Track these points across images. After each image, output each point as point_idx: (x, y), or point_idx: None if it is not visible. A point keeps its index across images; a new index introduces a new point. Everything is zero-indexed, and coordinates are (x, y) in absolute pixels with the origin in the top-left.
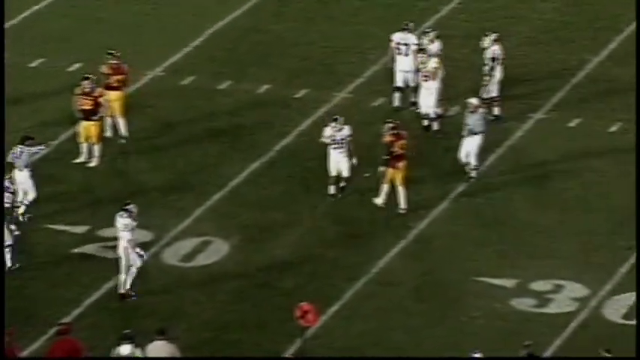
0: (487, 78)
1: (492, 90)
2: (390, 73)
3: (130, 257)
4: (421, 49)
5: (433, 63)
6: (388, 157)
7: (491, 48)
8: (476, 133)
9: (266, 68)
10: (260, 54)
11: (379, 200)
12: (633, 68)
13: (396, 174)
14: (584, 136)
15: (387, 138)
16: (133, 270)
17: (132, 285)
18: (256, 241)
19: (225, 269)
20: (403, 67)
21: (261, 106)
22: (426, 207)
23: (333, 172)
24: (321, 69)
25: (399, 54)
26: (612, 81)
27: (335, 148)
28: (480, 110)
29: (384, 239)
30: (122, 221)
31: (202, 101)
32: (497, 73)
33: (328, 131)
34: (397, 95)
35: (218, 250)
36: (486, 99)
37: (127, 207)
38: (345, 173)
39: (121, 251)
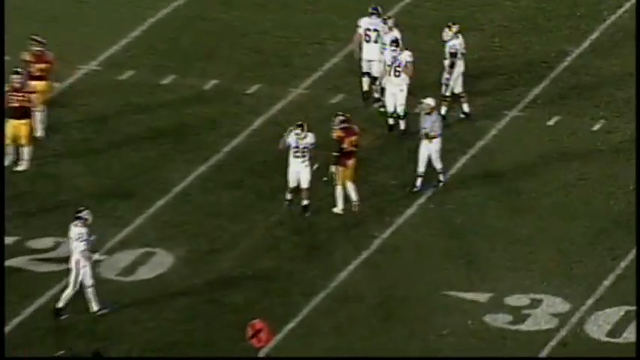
0: (447, 75)
1: (455, 86)
2: (350, 66)
3: (80, 272)
4: (394, 41)
5: (407, 56)
6: (337, 154)
7: (452, 41)
8: (434, 137)
9: (213, 61)
10: (207, 45)
11: (338, 208)
12: (618, 60)
13: (345, 173)
14: (564, 135)
15: (337, 133)
16: (89, 291)
17: (67, 303)
18: (204, 253)
19: (170, 284)
20: (370, 55)
21: (208, 103)
22: (390, 214)
23: (292, 183)
24: (275, 62)
25: (368, 41)
26: (595, 75)
27: (297, 156)
28: (436, 112)
29: (344, 250)
30: (76, 230)
31: (142, 98)
32: (459, 69)
33: (291, 139)
34: (366, 80)
35: (161, 262)
36: (447, 96)
37: (81, 214)
38: (305, 185)
39: (72, 264)
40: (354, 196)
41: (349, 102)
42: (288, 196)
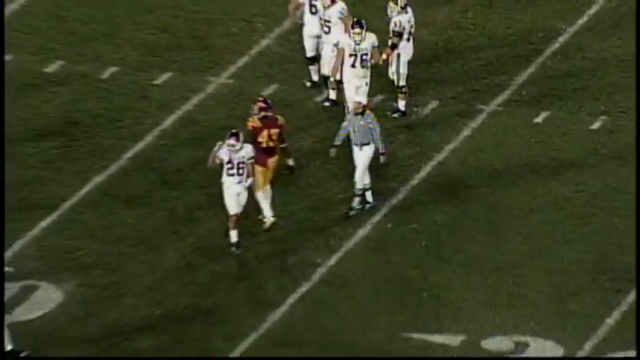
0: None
1: (397, 77)
2: (286, 50)
3: None
4: (358, 22)
5: (373, 39)
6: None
7: (398, 17)
8: (366, 143)
9: (111, 43)
10: (103, 23)
11: (267, 219)
12: (621, 41)
13: (265, 175)
14: (555, 135)
15: (253, 123)
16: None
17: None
18: (101, 287)
19: (57, 327)
20: (314, 30)
21: (105, 97)
22: (338, 236)
23: (233, 209)
24: (191, 44)
25: (313, 13)
26: (593, 59)
27: (231, 174)
28: (369, 112)
29: (279, 282)
30: None
31: (22, 90)
32: (407, 52)
33: (223, 153)
34: (312, 68)
35: (46, 299)
36: (402, 87)
37: None
38: (235, 210)
39: None
40: (267, 209)
41: (285, 94)
42: (233, 236)
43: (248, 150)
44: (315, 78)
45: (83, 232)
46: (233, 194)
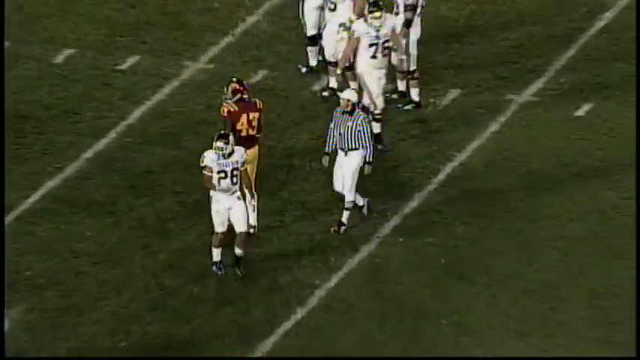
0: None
1: (407, 61)
2: (277, 28)
3: None
4: (375, 3)
5: (392, 21)
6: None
7: None
8: (354, 149)
9: (67, 21)
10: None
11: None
12: None
13: (242, 172)
14: (599, 131)
15: (227, 108)
16: None
17: None
18: (56, 312)
19: None
20: (317, 1)
21: (59, 85)
22: (339, 251)
23: (221, 227)
24: (163, 22)
25: None
26: None
27: (223, 189)
28: (359, 109)
29: (269, 307)
30: None
31: None
32: (415, 30)
33: (210, 160)
34: (312, 50)
35: None
36: (413, 72)
37: None
38: (241, 226)
39: None
40: (251, 218)
41: (276, 81)
42: (216, 254)
43: (241, 153)
44: (314, 62)
45: (34, 246)
46: (223, 209)
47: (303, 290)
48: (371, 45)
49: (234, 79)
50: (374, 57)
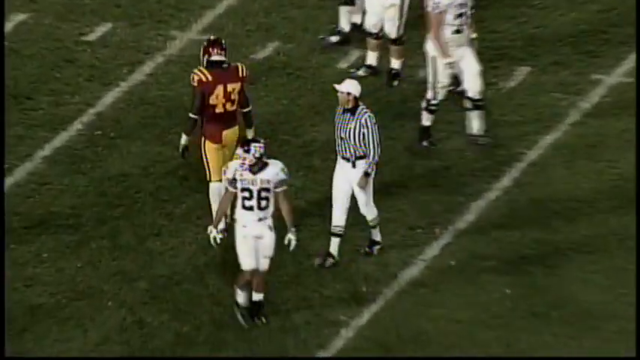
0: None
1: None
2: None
3: None
4: None
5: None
6: (197, 119)
7: None
8: (362, 157)
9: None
10: None
11: (214, 235)
12: None
13: (216, 156)
14: None
15: (199, 76)
16: None
17: None
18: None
19: None
20: None
21: (16, 62)
22: (372, 279)
23: (249, 265)
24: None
25: None
26: None
27: (248, 208)
28: (363, 106)
29: (282, 349)
30: None
31: None
32: None
33: (232, 169)
34: (346, 10)
35: None
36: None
37: None
38: (266, 266)
39: None
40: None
41: (290, 56)
42: (242, 298)
43: (276, 170)
44: (346, 27)
45: None
46: (250, 239)
47: (326, 329)
48: (458, 15)
49: (211, 38)
50: (458, 31)
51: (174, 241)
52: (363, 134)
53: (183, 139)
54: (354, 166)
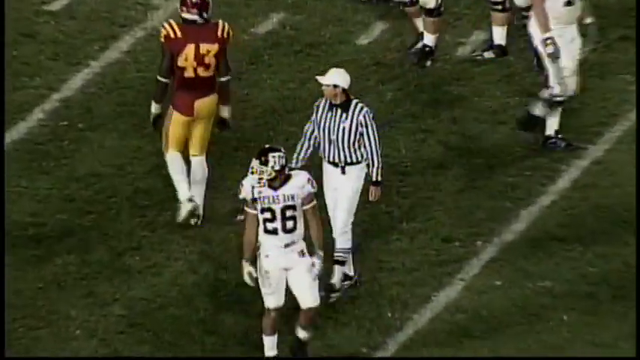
0: None
1: None
2: None
3: None
4: None
5: None
6: (166, 83)
7: None
8: (354, 162)
9: None
10: None
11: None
12: None
13: (182, 130)
14: None
15: (167, 31)
16: None
17: None
18: None
19: None
20: None
21: None
22: (401, 301)
23: (276, 302)
24: None
25: None
26: None
27: (271, 231)
28: (357, 101)
29: None
30: None
31: None
32: None
33: (247, 191)
34: (412, 12)
35: None
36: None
37: None
38: (311, 302)
39: None
40: (198, 197)
41: (299, 31)
42: (270, 346)
43: (302, 182)
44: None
45: None
46: (277, 270)
47: None
48: None
49: None
50: (569, 2)
51: (157, 256)
52: (361, 134)
53: (154, 107)
54: (343, 172)
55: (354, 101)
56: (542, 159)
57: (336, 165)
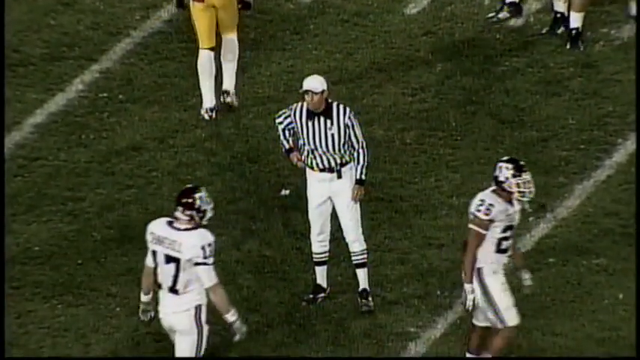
0: None
1: None
2: None
3: None
4: None
5: None
6: None
7: None
8: (346, 163)
9: None
10: None
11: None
12: None
13: (205, 17)
14: None
15: None
16: None
17: None
18: None
19: None
20: None
21: None
22: (450, 279)
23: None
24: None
25: None
26: None
27: (503, 252)
28: (340, 105)
29: None
30: None
31: None
32: None
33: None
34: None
35: None
36: None
37: None
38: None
39: None
40: (228, 77)
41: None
42: None
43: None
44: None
45: None
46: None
47: (389, 343)
48: None
49: None
50: None
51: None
52: (349, 135)
53: None
54: (339, 175)
55: (334, 104)
56: (597, 132)
57: (331, 170)
